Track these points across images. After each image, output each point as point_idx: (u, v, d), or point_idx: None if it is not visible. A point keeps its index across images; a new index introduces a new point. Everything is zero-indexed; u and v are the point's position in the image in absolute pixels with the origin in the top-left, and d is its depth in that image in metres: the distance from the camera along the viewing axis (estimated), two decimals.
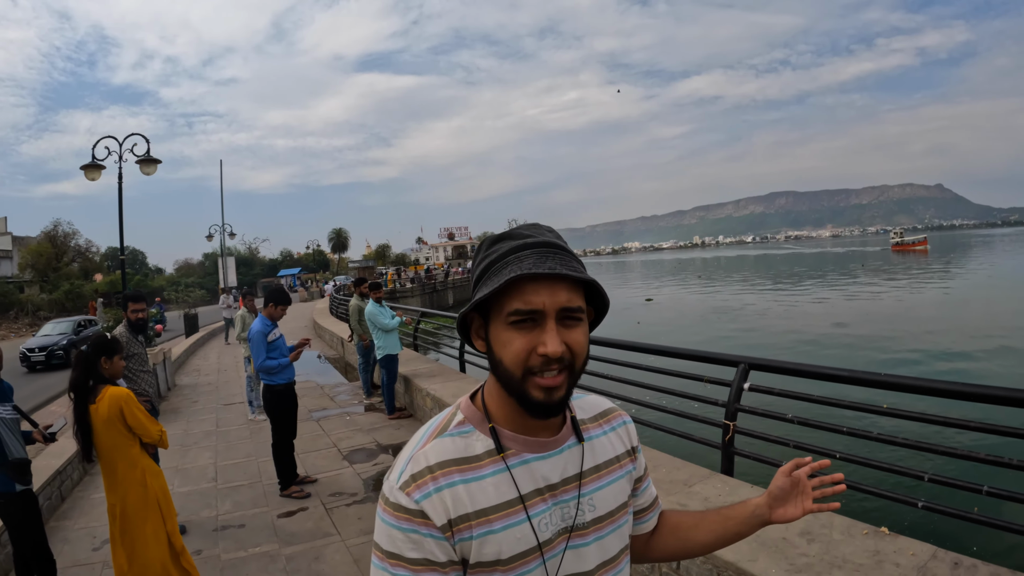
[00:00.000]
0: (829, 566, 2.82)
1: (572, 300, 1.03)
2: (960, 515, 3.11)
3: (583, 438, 1.18)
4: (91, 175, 13.01)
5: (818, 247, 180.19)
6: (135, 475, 3.92)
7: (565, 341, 1.02)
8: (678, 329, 26.41)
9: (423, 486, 1.03)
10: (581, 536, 1.11)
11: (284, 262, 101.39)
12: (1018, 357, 16.48)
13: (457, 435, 1.10)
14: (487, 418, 1.12)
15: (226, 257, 35.06)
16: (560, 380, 1.03)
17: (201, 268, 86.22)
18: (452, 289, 53.50)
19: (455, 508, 1.02)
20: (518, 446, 1.10)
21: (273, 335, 6.20)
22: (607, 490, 1.18)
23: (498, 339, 1.05)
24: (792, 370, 4.17)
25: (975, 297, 31.68)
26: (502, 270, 1.03)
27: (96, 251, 67.50)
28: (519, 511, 1.05)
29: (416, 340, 12.61)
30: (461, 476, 1.05)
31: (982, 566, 2.72)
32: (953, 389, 3.34)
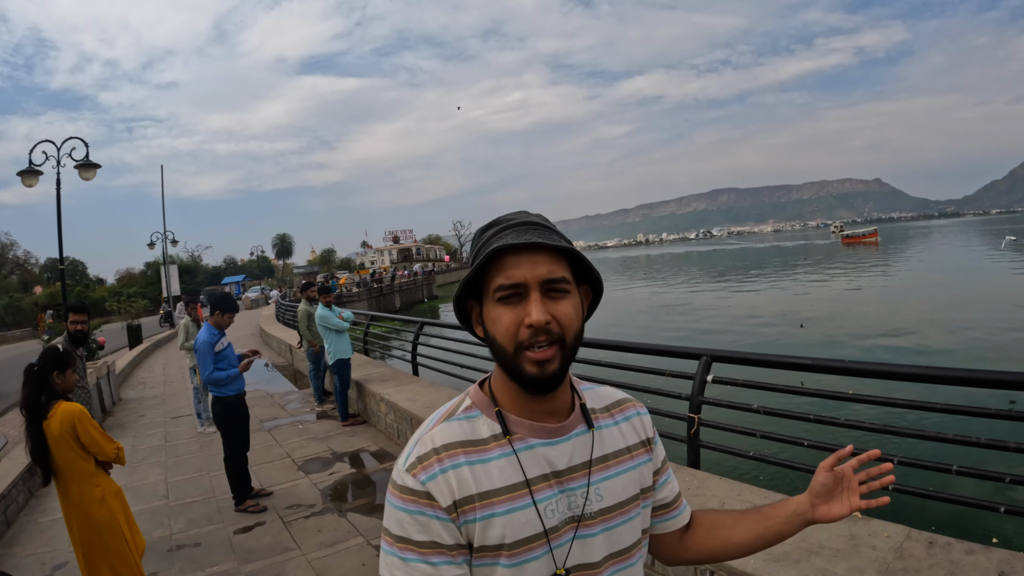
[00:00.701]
0: (807, 553, 2.82)
1: (554, 271, 1.04)
2: (932, 495, 3.16)
3: (593, 425, 1.17)
4: (28, 181, 12.47)
5: (760, 242, 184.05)
6: (93, 494, 3.72)
7: (551, 312, 1.03)
8: (630, 326, 26.58)
9: (429, 467, 1.04)
10: (588, 526, 1.10)
11: (228, 269, 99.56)
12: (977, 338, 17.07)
13: (464, 419, 1.12)
14: (494, 403, 1.13)
15: (168, 265, 34.18)
16: (551, 353, 1.03)
17: (143, 277, 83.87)
18: (399, 293, 53.11)
19: (460, 489, 1.03)
20: (524, 431, 1.10)
21: (221, 344, 5.99)
22: (615, 480, 1.16)
23: (489, 318, 1.07)
24: (755, 360, 4.19)
25: (931, 284, 32.76)
26: (485, 249, 1.05)
27: (35, 262, 65.47)
28: (524, 495, 1.05)
29: (366, 345, 12.41)
30: (467, 458, 1.06)
31: (956, 543, 2.76)
32: (917, 373, 3.38)
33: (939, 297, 27.10)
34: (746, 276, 52.39)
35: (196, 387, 9.60)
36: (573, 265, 1.09)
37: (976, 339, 17.26)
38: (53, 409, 3.69)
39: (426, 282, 62.31)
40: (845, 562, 2.72)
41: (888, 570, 2.64)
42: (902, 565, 2.66)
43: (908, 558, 2.71)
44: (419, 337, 9.46)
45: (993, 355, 15.03)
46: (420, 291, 58.52)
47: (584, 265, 1.11)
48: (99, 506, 3.72)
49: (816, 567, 2.71)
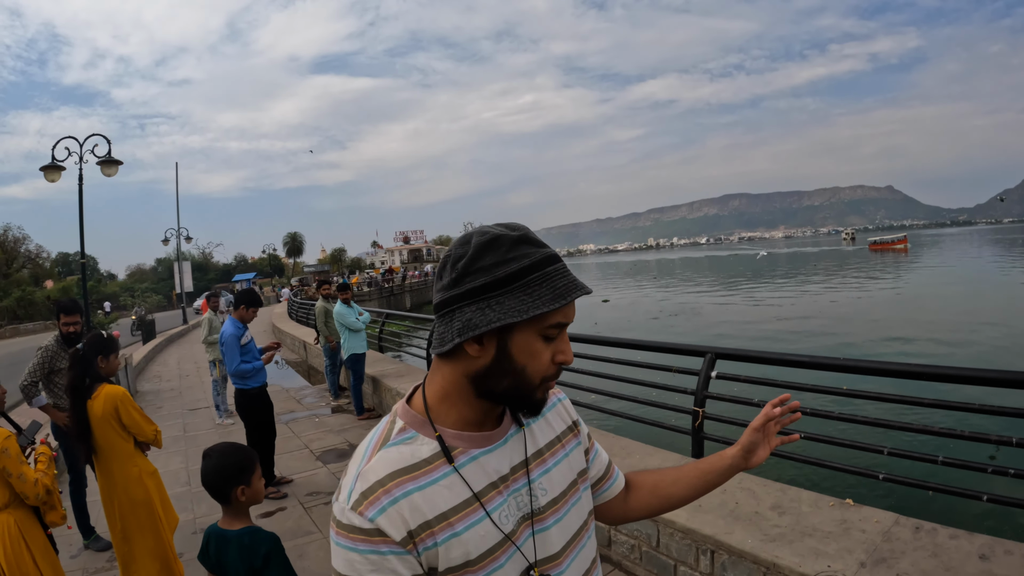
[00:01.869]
0: (800, 535, 3.02)
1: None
2: (919, 484, 3.34)
3: (523, 424, 1.20)
4: (51, 176, 12.74)
5: (772, 247, 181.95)
6: (132, 474, 3.89)
7: None
8: (637, 328, 26.63)
9: (376, 502, 1.00)
10: (541, 521, 1.14)
11: (239, 267, 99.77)
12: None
13: (401, 443, 1.09)
14: (428, 420, 1.10)
15: (182, 262, 34.36)
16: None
17: (154, 273, 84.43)
18: (409, 292, 53.30)
19: (413, 518, 1.00)
20: (464, 443, 1.10)
21: (245, 338, 6.19)
22: (555, 471, 1.20)
23: (526, 349, 1.05)
24: (756, 358, 4.38)
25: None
26: (546, 281, 1.04)
27: (47, 256, 65.77)
28: (476, 509, 1.06)
29: (381, 342, 12.63)
30: (414, 483, 1.03)
31: (941, 529, 2.95)
32: (907, 370, 3.57)
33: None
34: (808, 281, 49.91)
35: (216, 380, 9.81)
36: None
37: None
38: (97, 391, 3.85)
39: None
40: (836, 543, 2.92)
41: (876, 551, 2.83)
42: (889, 547, 2.85)
43: (895, 541, 2.90)
44: (433, 335, 9.64)
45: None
46: (431, 291, 58.46)
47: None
48: (137, 485, 3.88)
49: (809, 547, 2.91)
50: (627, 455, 4.42)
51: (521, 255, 1.04)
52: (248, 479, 2.62)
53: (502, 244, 1.05)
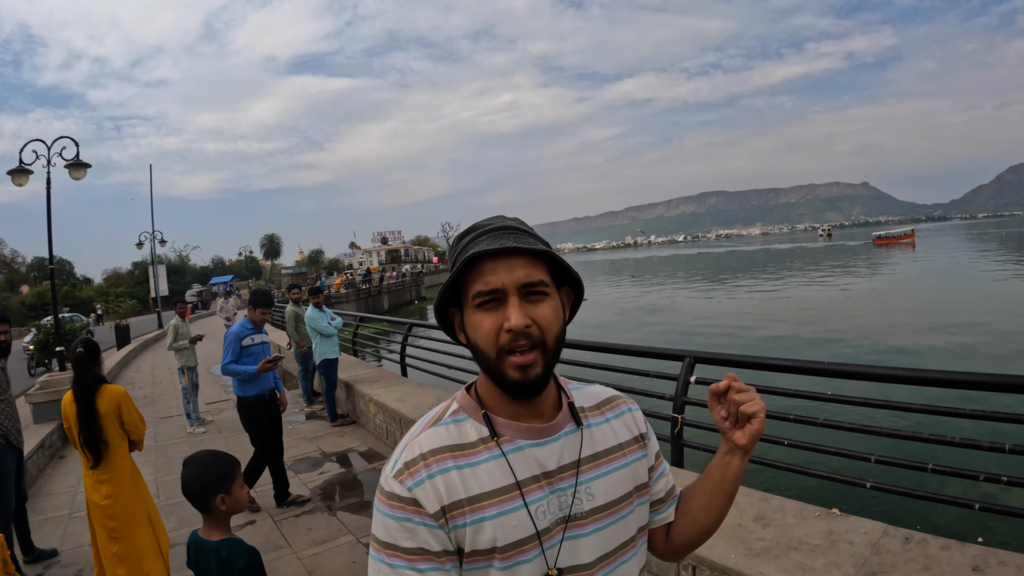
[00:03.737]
0: (786, 548, 2.89)
1: (531, 275, 1.04)
2: (908, 492, 3.23)
3: (582, 424, 1.16)
4: (18, 180, 12.39)
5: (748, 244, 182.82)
6: (126, 471, 4.09)
7: (531, 316, 1.03)
8: (616, 327, 26.56)
9: (416, 473, 1.03)
10: (579, 526, 1.09)
11: (216, 269, 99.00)
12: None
13: (452, 423, 1.11)
14: (480, 406, 1.12)
15: (157, 265, 33.92)
16: (532, 357, 1.03)
17: (131, 277, 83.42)
18: (387, 294, 53.04)
19: (448, 494, 1.02)
20: (512, 432, 1.09)
21: (250, 340, 5.82)
22: (607, 479, 1.14)
23: (470, 324, 1.07)
24: (737, 362, 4.26)
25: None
26: (461, 256, 1.05)
27: (22, 261, 64.99)
28: (515, 497, 1.05)
29: (355, 346, 12.43)
30: (455, 462, 1.05)
31: (932, 539, 2.83)
32: (895, 374, 3.46)
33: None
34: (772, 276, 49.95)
35: (185, 387, 9.57)
36: (551, 268, 1.10)
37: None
38: (100, 390, 4.04)
39: (414, 283, 62.27)
40: (823, 557, 2.80)
41: (865, 564, 2.71)
42: (879, 560, 2.73)
43: (885, 553, 2.78)
44: (408, 338, 9.50)
45: None
46: (408, 292, 58.47)
47: (562, 267, 1.11)
48: (131, 483, 4.10)
49: (795, 562, 2.78)
50: None
51: (457, 246, 1.10)
52: (228, 487, 2.57)
53: (455, 240, 1.14)
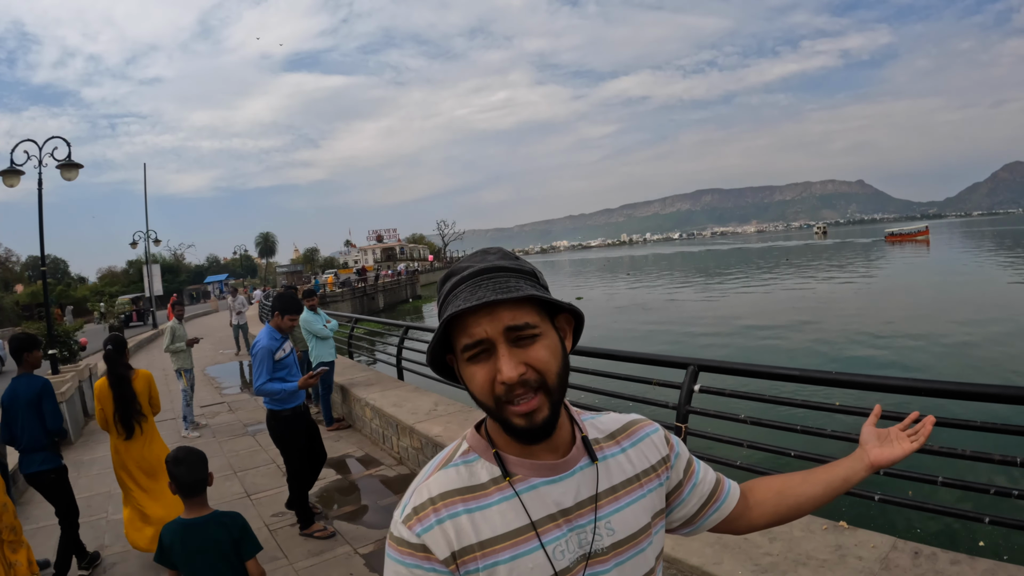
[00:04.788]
0: (794, 563, 2.83)
1: (516, 318, 0.99)
2: (917, 506, 3.17)
3: (596, 458, 1.12)
4: (9, 181, 12.30)
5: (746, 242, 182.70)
6: (155, 435, 5.31)
7: (525, 361, 0.99)
8: (618, 329, 26.47)
9: (424, 519, 1.01)
10: (601, 562, 1.06)
11: (211, 268, 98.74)
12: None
13: (461, 464, 1.08)
14: (491, 445, 1.09)
15: (151, 265, 33.76)
16: (536, 403, 0.99)
17: (125, 276, 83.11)
18: (382, 292, 52.85)
19: (459, 539, 1.00)
20: (525, 471, 1.06)
21: (282, 351, 5.28)
22: (626, 512, 1.11)
23: (465, 376, 1.04)
24: (743, 371, 4.17)
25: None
26: (444, 311, 1.02)
27: (16, 260, 64.83)
28: (531, 539, 1.02)
29: (351, 348, 12.33)
30: (464, 506, 1.03)
31: (941, 554, 2.78)
32: (903, 385, 3.39)
33: None
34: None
35: (184, 389, 9.50)
36: (545, 302, 1.05)
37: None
38: (134, 375, 5.19)
39: (410, 282, 62.07)
40: (831, 572, 2.75)
41: None
42: (888, 575, 2.69)
43: (894, 568, 2.73)
44: (404, 341, 9.40)
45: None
46: (404, 291, 58.29)
47: (552, 303, 1.05)
48: (159, 445, 5.30)
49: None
50: None
51: (442, 292, 1.07)
52: (208, 472, 3.10)
53: (439, 284, 1.09)
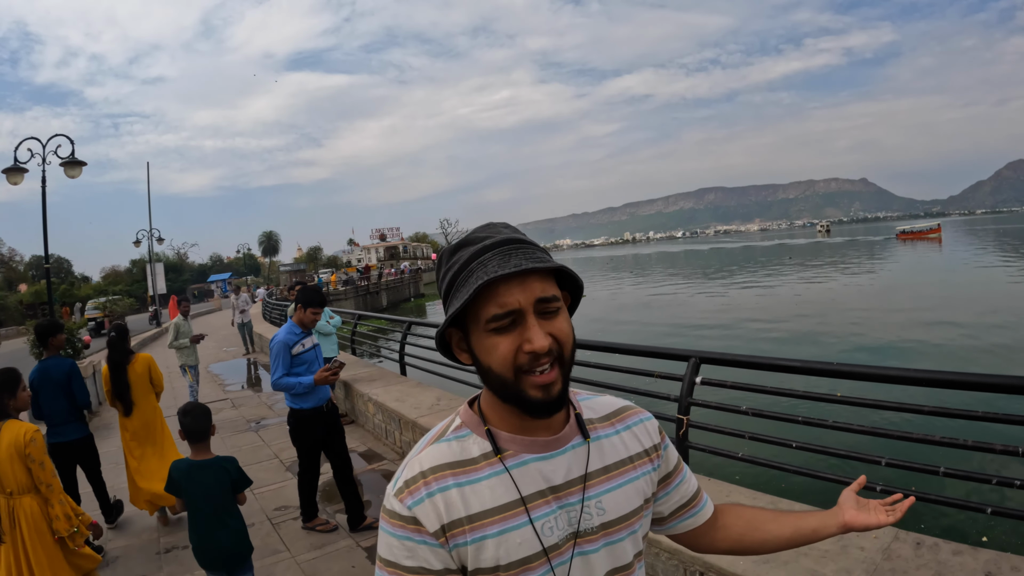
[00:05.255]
0: (796, 554, 2.82)
1: (546, 290, 1.01)
2: (919, 496, 3.14)
3: (589, 436, 1.13)
4: (13, 179, 12.34)
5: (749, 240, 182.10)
6: (155, 415, 6.09)
7: (549, 332, 1.00)
8: (618, 323, 26.49)
9: (415, 492, 1.02)
10: (590, 541, 1.07)
11: (214, 267, 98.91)
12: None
13: (454, 439, 1.09)
14: (483, 421, 1.10)
15: (155, 263, 33.84)
16: (554, 375, 1.01)
17: (129, 275, 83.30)
18: (386, 291, 52.91)
19: (448, 512, 1.01)
20: (516, 447, 1.07)
21: (301, 346, 5.16)
22: (618, 492, 1.13)
23: (482, 348, 1.03)
24: (744, 362, 4.17)
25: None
26: (468, 279, 1.01)
27: (20, 260, 65.03)
28: (519, 514, 1.03)
29: (354, 344, 12.35)
30: (455, 480, 1.04)
31: (944, 544, 2.78)
32: (906, 375, 3.39)
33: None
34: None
35: (191, 384, 9.53)
36: (557, 275, 1.07)
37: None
38: (133, 359, 5.92)
39: (413, 280, 62.14)
40: (834, 563, 2.74)
41: (876, 571, 2.65)
42: (890, 566, 2.68)
43: (896, 559, 2.72)
44: (407, 337, 9.40)
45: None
46: (407, 289, 58.36)
47: (568, 275, 1.08)
48: (159, 416, 6.14)
49: (805, 568, 2.72)
50: None
51: (454, 262, 1.04)
52: (211, 423, 3.74)
53: (443, 256, 1.08)
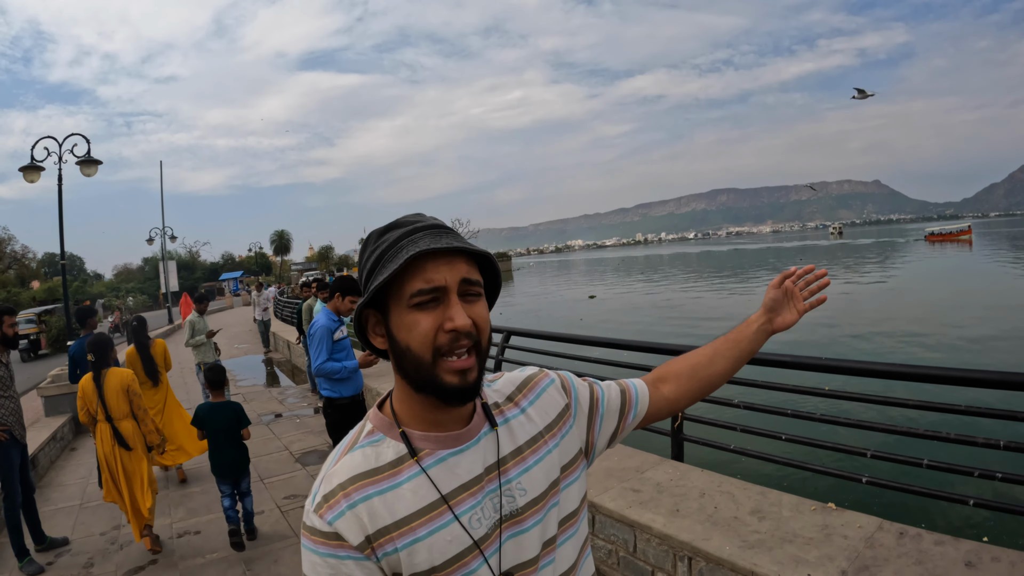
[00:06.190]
0: (781, 541, 2.93)
1: (471, 272, 1.02)
2: (904, 488, 3.26)
3: (496, 423, 1.12)
4: (30, 177, 12.51)
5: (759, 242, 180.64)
6: (168, 388, 6.94)
7: (470, 316, 1.00)
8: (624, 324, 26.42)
9: (335, 506, 0.99)
10: (519, 523, 1.07)
11: (226, 265, 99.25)
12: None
13: (367, 445, 1.07)
14: (396, 423, 1.07)
15: (167, 261, 34.10)
16: (472, 361, 1.00)
17: (141, 273, 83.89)
18: None
19: (372, 523, 0.99)
20: (431, 445, 1.05)
21: (340, 333, 5.08)
22: (535, 470, 1.11)
23: (402, 325, 1.01)
24: None
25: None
26: (397, 255, 1.00)
27: (32, 257, 65.53)
28: (444, 512, 1.01)
29: None
30: (376, 487, 1.01)
31: (926, 534, 2.86)
32: (891, 370, 3.47)
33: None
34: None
35: (204, 383, 9.68)
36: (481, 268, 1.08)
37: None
38: (153, 343, 6.94)
39: None
40: (817, 550, 2.83)
41: (859, 558, 2.74)
42: (872, 554, 2.77)
43: (878, 547, 2.81)
44: None
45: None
46: None
47: (492, 272, 1.10)
48: (169, 390, 6.97)
49: (789, 554, 2.82)
50: (606, 457, 4.31)
51: (383, 241, 1.04)
52: (227, 378, 4.57)
53: (370, 238, 1.08)
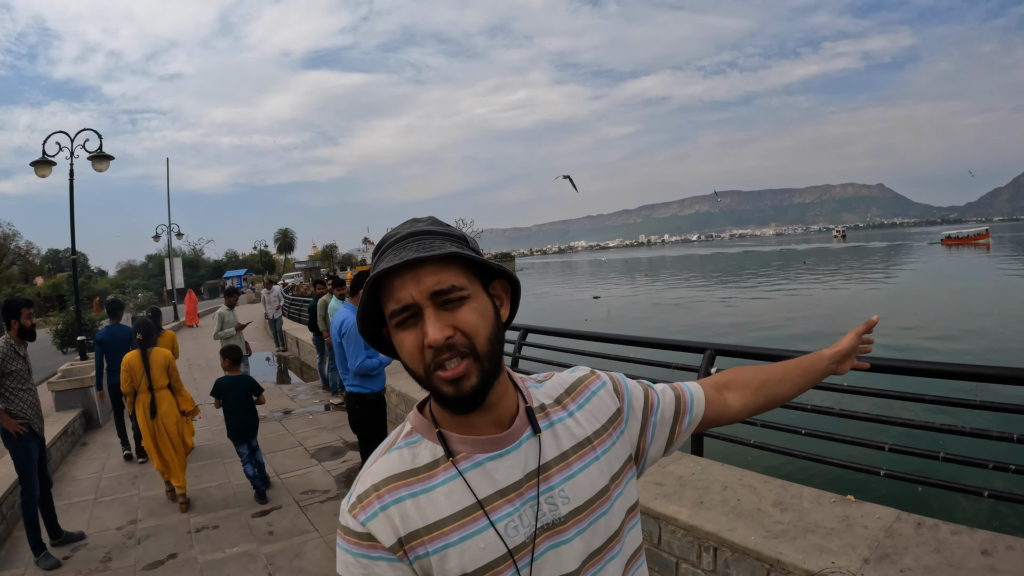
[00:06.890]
0: (803, 531, 3.02)
1: (441, 281, 0.95)
2: (920, 480, 3.35)
3: (539, 428, 1.07)
4: (41, 172, 12.58)
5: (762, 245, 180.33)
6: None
7: (452, 324, 0.95)
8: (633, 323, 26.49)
9: (368, 507, 0.99)
10: (560, 533, 1.02)
11: (229, 263, 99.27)
12: None
13: (404, 446, 1.05)
14: (434, 423, 1.06)
15: (173, 258, 34.13)
16: (463, 368, 0.95)
17: (144, 270, 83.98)
18: None
19: (404, 525, 0.97)
20: (469, 448, 1.02)
21: None
22: (580, 477, 1.06)
23: (396, 344, 1.00)
24: (756, 354, 4.35)
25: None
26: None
27: (36, 253, 65.51)
28: (479, 518, 0.98)
29: None
30: (408, 490, 1.00)
31: (943, 525, 2.95)
32: (908, 367, 3.55)
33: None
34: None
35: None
36: (473, 265, 1.02)
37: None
38: (163, 333, 7.69)
39: None
40: (839, 539, 2.92)
41: (879, 547, 2.83)
42: (892, 542, 2.85)
43: (897, 536, 2.90)
44: None
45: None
46: None
47: (484, 264, 1.03)
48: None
49: (812, 543, 2.91)
50: None
51: (374, 262, 1.03)
52: (243, 354, 4.97)
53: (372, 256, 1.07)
